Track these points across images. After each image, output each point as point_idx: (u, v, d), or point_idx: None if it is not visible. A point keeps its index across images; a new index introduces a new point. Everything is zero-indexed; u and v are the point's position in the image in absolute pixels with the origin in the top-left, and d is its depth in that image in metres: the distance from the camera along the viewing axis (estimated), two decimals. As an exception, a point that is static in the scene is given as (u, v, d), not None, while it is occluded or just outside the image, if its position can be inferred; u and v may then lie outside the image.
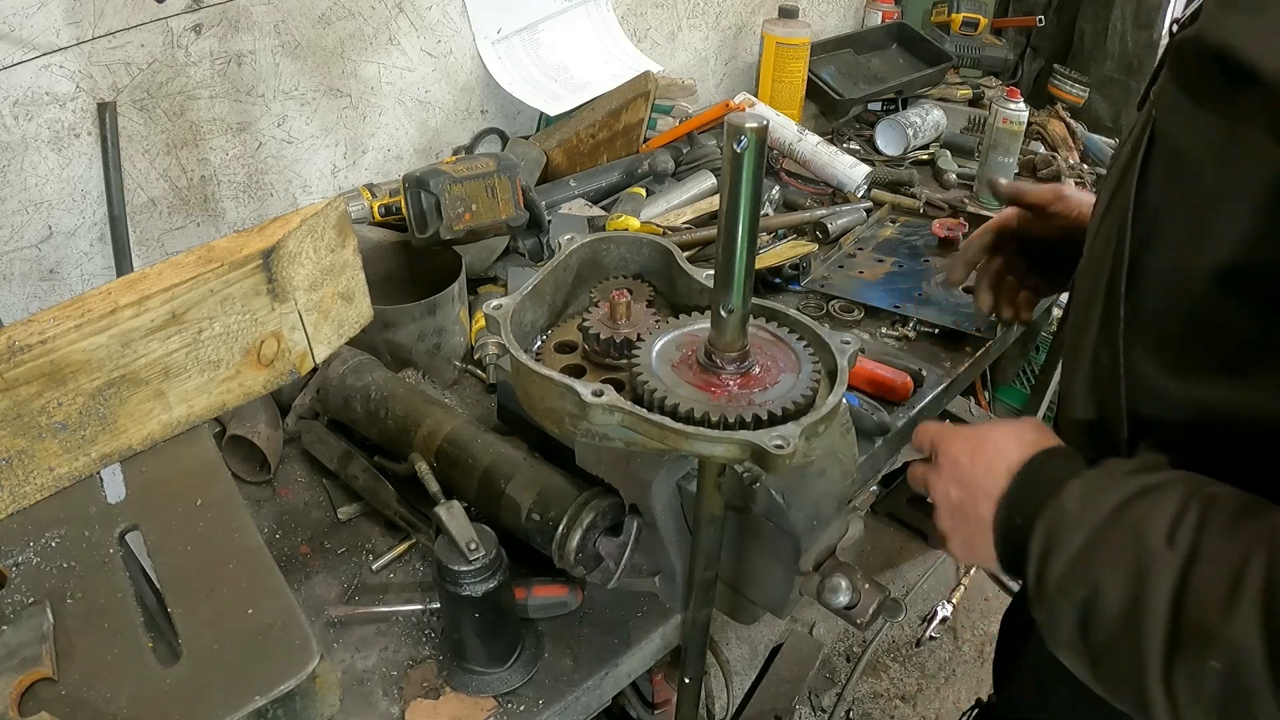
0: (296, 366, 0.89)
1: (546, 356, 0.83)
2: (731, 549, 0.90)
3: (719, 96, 2.17)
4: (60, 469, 0.77)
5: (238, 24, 1.32)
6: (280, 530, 1.05)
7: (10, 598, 0.69)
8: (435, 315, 1.21)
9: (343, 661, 0.90)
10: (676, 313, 0.82)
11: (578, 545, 0.89)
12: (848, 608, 0.85)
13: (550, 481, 0.94)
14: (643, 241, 0.90)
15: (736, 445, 0.66)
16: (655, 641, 0.96)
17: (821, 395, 0.71)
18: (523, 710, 0.87)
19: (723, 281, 0.67)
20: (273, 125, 1.43)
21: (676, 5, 1.98)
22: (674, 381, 0.72)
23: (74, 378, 0.73)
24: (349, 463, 1.09)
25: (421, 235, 1.26)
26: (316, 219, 0.85)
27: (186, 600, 0.69)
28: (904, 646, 2.35)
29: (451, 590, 0.82)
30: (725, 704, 1.75)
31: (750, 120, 0.58)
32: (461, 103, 1.68)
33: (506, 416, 1.13)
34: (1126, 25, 2.39)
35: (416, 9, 1.53)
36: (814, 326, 0.77)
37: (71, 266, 1.31)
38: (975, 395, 2.87)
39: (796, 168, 1.83)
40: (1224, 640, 0.53)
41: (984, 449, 0.76)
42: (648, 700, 1.62)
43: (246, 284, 0.81)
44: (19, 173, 1.20)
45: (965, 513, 0.76)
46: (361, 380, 1.11)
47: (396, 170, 1.62)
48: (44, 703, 0.62)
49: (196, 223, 1.41)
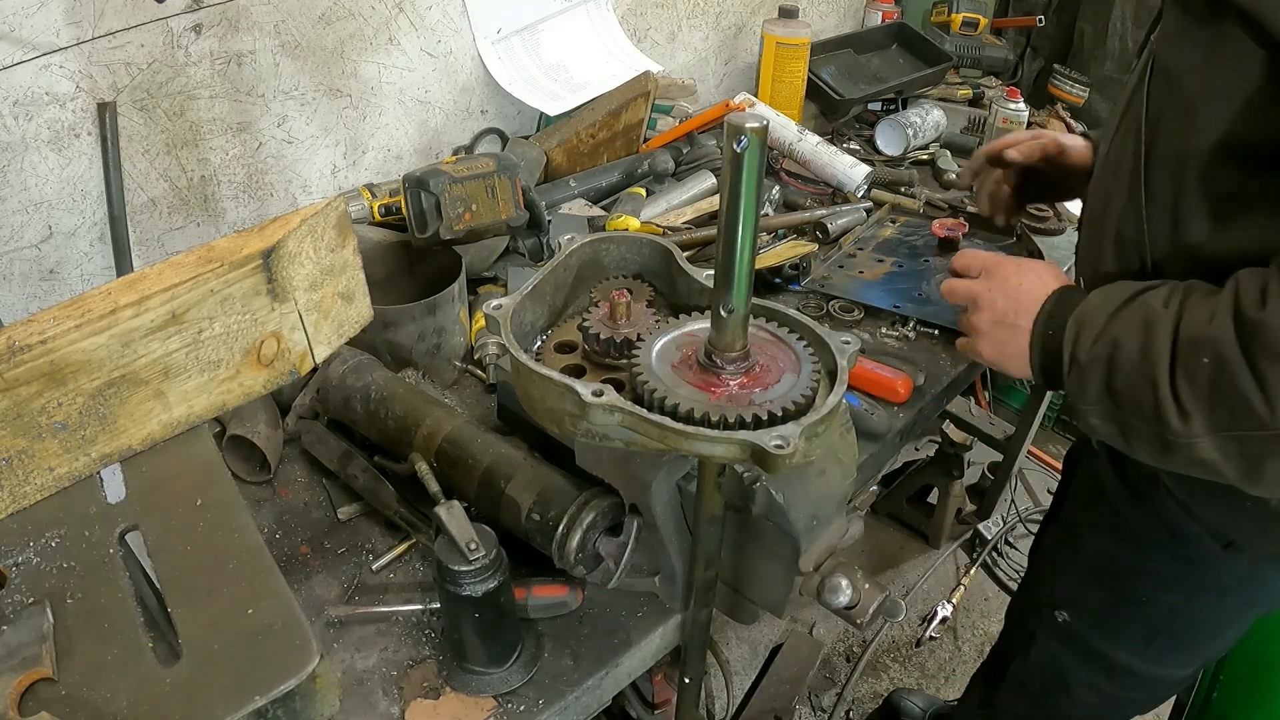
0: (296, 366, 0.89)
1: (546, 356, 0.83)
2: (731, 549, 0.90)
3: (719, 96, 2.17)
4: (60, 469, 0.77)
5: (238, 24, 1.32)
6: (280, 530, 1.05)
7: (10, 598, 0.69)
8: (435, 315, 1.21)
9: (343, 661, 0.90)
10: (676, 313, 0.82)
11: (578, 545, 0.89)
12: (848, 608, 0.85)
13: (550, 481, 0.94)
14: (643, 241, 0.90)
15: (736, 445, 0.66)
16: (655, 641, 0.96)
17: (821, 395, 0.72)
18: (523, 710, 0.87)
19: (723, 281, 0.67)
20: (273, 125, 1.43)
21: (676, 5, 1.98)
22: (674, 381, 0.72)
23: (74, 378, 0.73)
24: (349, 463, 1.09)
25: (421, 235, 1.26)
26: (316, 219, 0.85)
27: (186, 600, 0.69)
28: (904, 646, 2.35)
29: (451, 590, 0.82)
30: (725, 704, 1.74)
31: (750, 120, 0.58)
32: (461, 103, 1.68)
33: (506, 416, 1.13)
34: (1126, 25, 2.39)
35: (416, 9, 1.53)
36: (814, 326, 0.77)
37: (71, 266, 1.31)
38: (975, 395, 2.88)
39: (796, 168, 1.83)
40: (1209, 339, 0.74)
41: (1029, 273, 0.98)
42: (648, 700, 1.62)
43: (246, 284, 0.80)
44: (19, 173, 1.20)
45: (1008, 320, 0.97)
46: (361, 380, 1.11)
47: (396, 170, 1.62)
48: (44, 703, 0.62)
49: (196, 223, 1.41)
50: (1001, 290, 0.98)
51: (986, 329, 0.99)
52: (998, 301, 0.98)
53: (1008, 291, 0.98)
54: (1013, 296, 0.97)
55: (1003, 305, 0.97)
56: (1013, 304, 0.96)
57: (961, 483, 2.49)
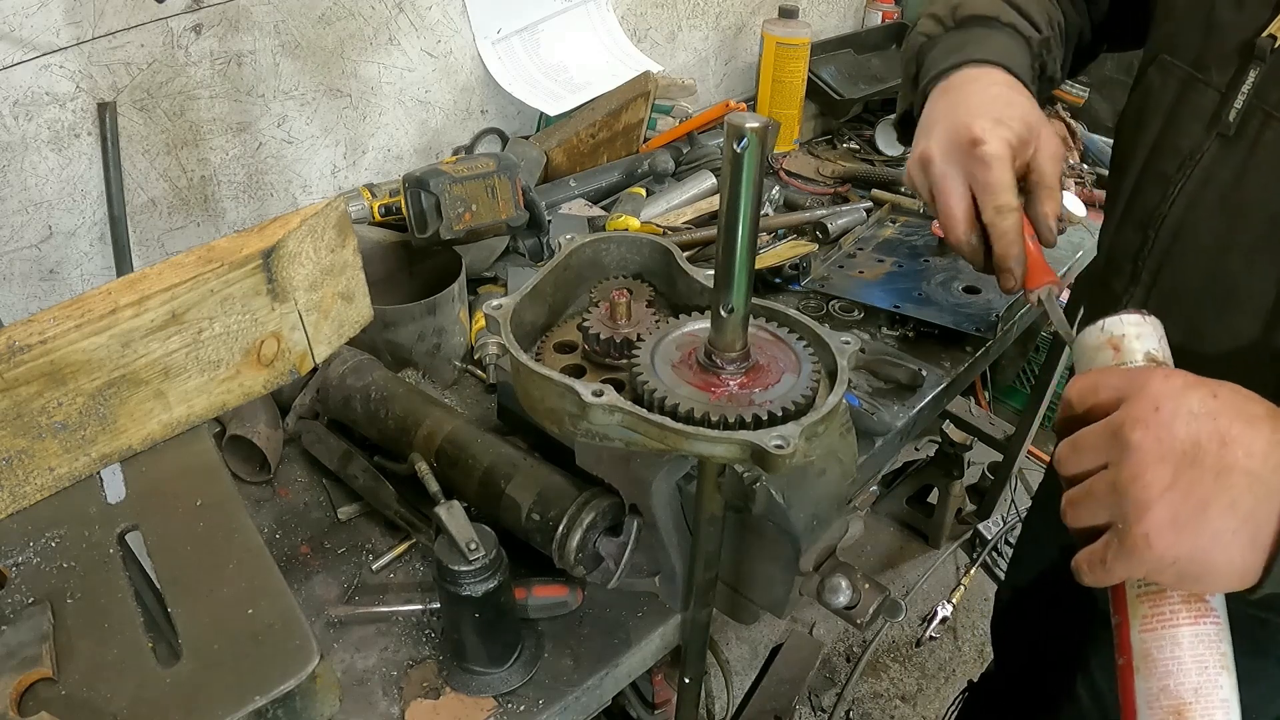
0: (296, 366, 0.89)
1: (546, 356, 0.83)
2: (731, 549, 0.90)
3: (719, 96, 2.18)
4: (60, 469, 0.77)
5: (238, 24, 1.32)
6: (280, 530, 1.05)
7: (10, 598, 0.69)
8: (435, 315, 1.21)
9: (343, 661, 0.90)
10: (676, 313, 0.82)
11: (578, 545, 0.89)
12: (848, 608, 0.85)
13: (550, 481, 0.94)
14: (643, 241, 0.90)
15: (736, 445, 0.66)
16: (655, 641, 0.96)
17: (821, 395, 0.71)
18: (523, 710, 0.87)
19: (723, 281, 0.66)
20: (273, 125, 1.43)
21: (676, 5, 1.98)
22: (674, 381, 0.72)
23: (74, 378, 0.73)
24: (349, 463, 1.09)
25: (421, 235, 1.26)
26: (316, 219, 0.85)
27: (186, 600, 0.69)
28: (904, 646, 2.35)
29: (451, 590, 0.82)
30: (725, 704, 1.75)
31: (750, 120, 0.58)
32: (461, 103, 1.68)
33: (506, 416, 1.13)
34: (1127, 25, 2.39)
35: (416, 9, 1.53)
36: (814, 326, 0.77)
37: (71, 266, 1.31)
38: (975, 395, 2.88)
39: (797, 167, 1.82)
40: None
41: (1224, 385, 0.57)
42: (648, 700, 1.62)
43: (246, 284, 0.80)
44: (19, 173, 1.20)
45: (1209, 461, 0.53)
46: (361, 380, 1.11)
47: (396, 170, 1.62)
48: (44, 703, 0.62)
49: (196, 223, 1.41)
50: (1174, 410, 0.56)
51: (1155, 489, 0.54)
52: (1174, 431, 0.55)
53: (1191, 409, 0.55)
54: (1208, 418, 0.55)
55: (1186, 434, 0.55)
56: (1213, 430, 0.54)
57: (961, 483, 2.49)
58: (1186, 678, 0.58)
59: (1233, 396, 0.56)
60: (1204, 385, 0.56)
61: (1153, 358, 0.66)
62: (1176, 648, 0.58)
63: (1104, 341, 0.68)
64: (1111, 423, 0.58)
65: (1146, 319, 0.68)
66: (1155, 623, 0.59)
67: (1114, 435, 0.57)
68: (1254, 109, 0.78)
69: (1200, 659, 0.58)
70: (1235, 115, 0.79)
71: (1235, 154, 0.79)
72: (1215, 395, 0.55)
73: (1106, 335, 0.68)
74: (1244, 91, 0.79)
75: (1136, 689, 0.60)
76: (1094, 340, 0.69)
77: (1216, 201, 0.81)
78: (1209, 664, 0.58)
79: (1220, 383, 0.57)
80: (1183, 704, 0.57)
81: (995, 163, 0.83)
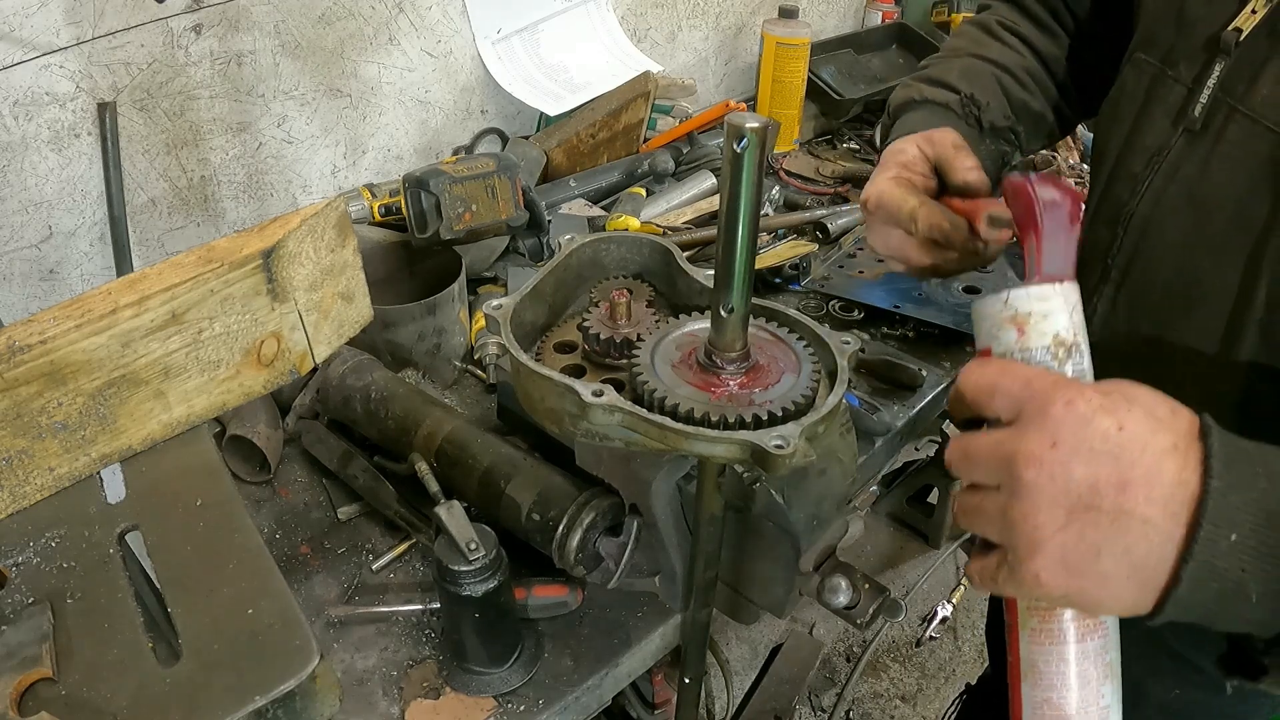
0: (296, 366, 0.89)
1: (546, 356, 0.83)
2: (731, 549, 0.90)
3: (719, 96, 2.17)
4: (60, 469, 0.77)
5: (238, 24, 1.32)
6: (280, 530, 1.05)
7: (10, 598, 0.69)
8: (435, 315, 1.21)
9: (343, 661, 0.90)
10: (676, 313, 0.82)
11: (578, 545, 0.89)
12: (848, 608, 0.85)
13: (550, 481, 0.94)
14: (643, 241, 0.90)
15: (736, 445, 0.66)
16: (655, 641, 0.96)
17: (821, 395, 0.71)
18: (523, 710, 0.87)
19: (723, 281, 0.66)
20: (273, 125, 1.43)
21: (676, 5, 1.98)
22: (674, 381, 0.72)
23: (74, 378, 0.73)
24: (349, 463, 1.09)
25: (421, 235, 1.27)
26: (316, 219, 0.85)
27: (186, 600, 0.69)
28: (904, 646, 2.35)
29: (451, 590, 0.82)
30: (725, 704, 1.75)
31: (750, 120, 0.58)
32: (461, 103, 1.68)
33: (506, 416, 1.13)
34: (1126, 25, 2.39)
35: (416, 9, 1.53)
36: (814, 326, 0.77)
37: (71, 266, 1.31)
38: (975, 395, 2.87)
39: (797, 167, 1.83)
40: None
41: (1125, 409, 0.51)
42: (648, 700, 1.62)
43: (246, 284, 0.80)
44: (19, 173, 1.20)
45: (1100, 504, 0.50)
46: (361, 380, 1.11)
47: (396, 170, 1.62)
48: (44, 703, 0.62)
49: (196, 223, 1.41)
50: (1074, 446, 0.51)
51: (1047, 530, 0.51)
52: (1071, 471, 0.51)
53: (1092, 446, 0.51)
54: (1108, 457, 0.50)
55: (1083, 477, 0.51)
56: (1112, 472, 0.50)
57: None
58: (1070, 693, 0.59)
59: (1140, 428, 0.51)
60: (1110, 414, 0.51)
61: (1061, 341, 0.59)
62: (1063, 664, 0.59)
63: (1007, 318, 0.60)
64: (1005, 449, 0.53)
65: (1056, 289, 0.59)
66: (1044, 638, 0.59)
67: (1007, 465, 0.53)
68: (1219, 103, 0.77)
69: (1084, 675, 0.59)
70: (1200, 110, 0.78)
71: (1200, 149, 0.79)
72: (1121, 428, 0.50)
73: (1010, 312, 0.60)
74: (1209, 86, 0.78)
75: (1024, 693, 0.61)
76: (996, 312, 0.60)
77: (1183, 197, 0.80)
78: (1092, 678, 0.59)
79: (1131, 406, 0.52)
80: (1065, 718, 0.59)
81: (877, 197, 0.87)
